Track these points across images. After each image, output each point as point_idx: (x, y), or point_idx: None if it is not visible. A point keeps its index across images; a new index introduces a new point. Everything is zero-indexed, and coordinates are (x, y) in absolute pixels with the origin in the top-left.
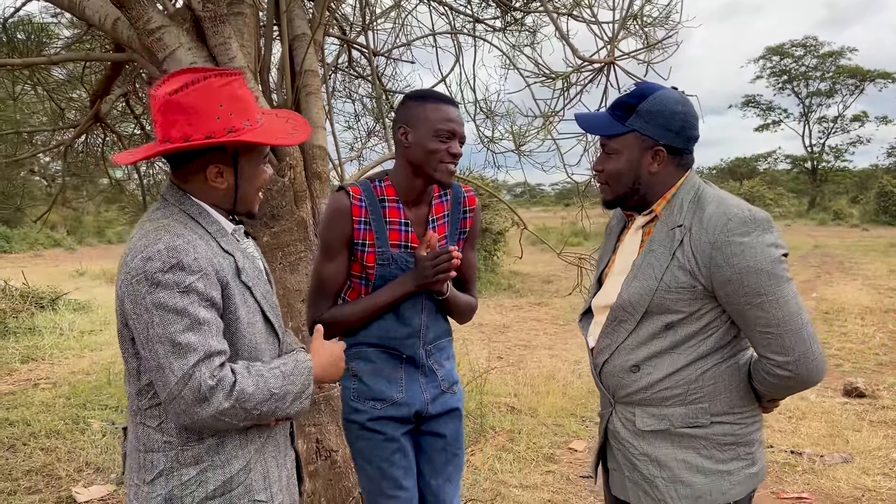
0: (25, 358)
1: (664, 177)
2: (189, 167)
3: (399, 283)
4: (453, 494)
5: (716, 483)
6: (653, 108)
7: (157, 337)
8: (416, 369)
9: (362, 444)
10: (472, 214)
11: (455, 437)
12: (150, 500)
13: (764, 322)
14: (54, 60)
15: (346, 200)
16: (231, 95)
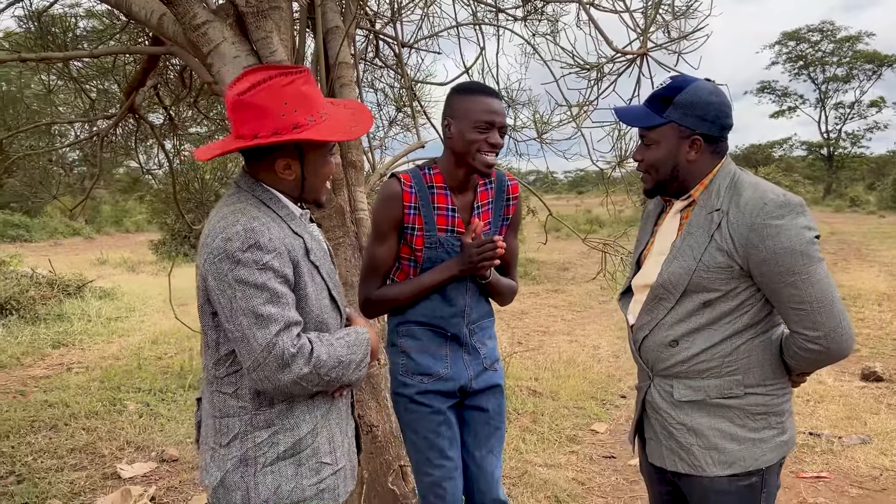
0: (57, 343)
1: (701, 164)
2: (261, 160)
3: (445, 267)
4: (496, 465)
5: (748, 450)
6: (689, 99)
7: (241, 310)
8: (461, 347)
9: (410, 417)
10: (515, 202)
11: (497, 412)
12: (227, 462)
13: (797, 299)
14: (95, 54)
15: (398, 187)
16: (296, 93)
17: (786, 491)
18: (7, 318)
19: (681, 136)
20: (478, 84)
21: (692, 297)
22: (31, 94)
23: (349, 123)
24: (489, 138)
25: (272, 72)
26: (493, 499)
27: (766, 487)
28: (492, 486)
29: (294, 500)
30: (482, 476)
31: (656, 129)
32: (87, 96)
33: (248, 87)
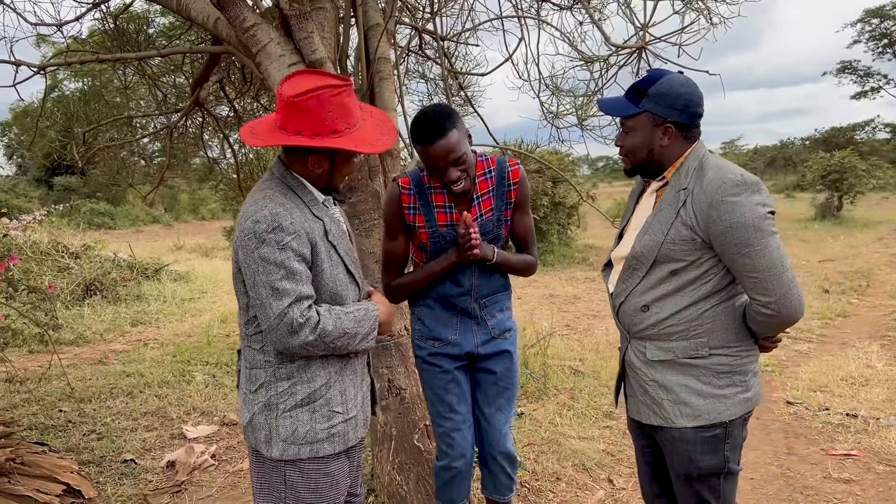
0: (135, 322)
1: (674, 148)
2: (297, 153)
3: (446, 256)
4: (504, 421)
5: (713, 404)
6: (661, 90)
7: (262, 283)
8: (470, 319)
9: (424, 375)
10: (517, 186)
11: (505, 374)
12: (254, 405)
13: (751, 268)
14: (163, 53)
15: (397, 190)
16: (339, 104)
17: (812, 466)
18: (92, 298)
19: (654, 123)
20: (418, 128)
21: (661, 267)
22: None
23: (376, 135)
24: (446, 177)
25: (323, 81)
26: (501, 451)
27: (729, 439)
28: (500, 439)
29: (308, 440)
30: (491, 430)
31: (633, 118)
32: (160, 91)
33: (302, 92)
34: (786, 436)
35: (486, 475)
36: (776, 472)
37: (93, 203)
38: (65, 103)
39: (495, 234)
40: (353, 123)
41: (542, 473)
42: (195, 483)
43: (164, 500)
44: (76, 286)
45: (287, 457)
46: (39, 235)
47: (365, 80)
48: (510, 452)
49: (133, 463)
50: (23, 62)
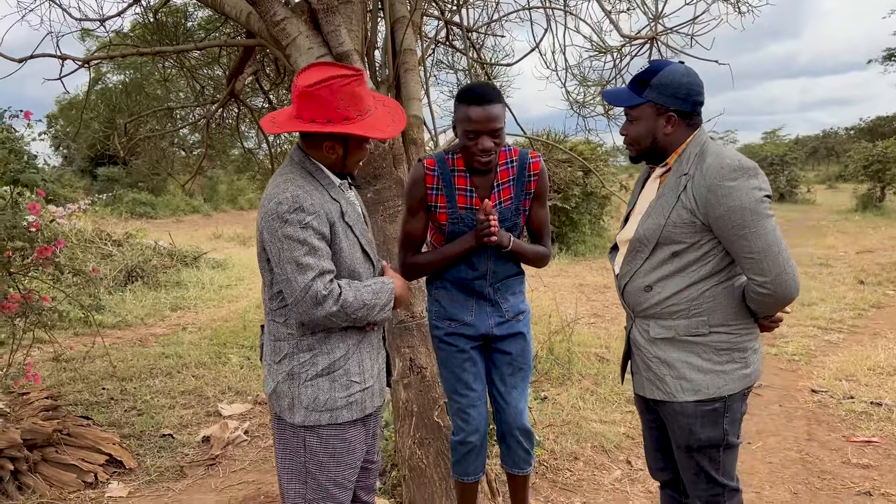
0: (174, 307)
1: (676, 136)
2: (312, 140)
3: (464, 240)
4: (520, 398)
5: (713, 380)
6: (663, 81)
7: (286, 259)
8: (485, 301)
9: (441, 354)
10: (537, 178)
11: (520, 354)
12: (278, 375)
13: (748, 249)
14: (199, 47)
15: (422, 170)
16: (350, 93)
17: (832, 452)
18: (133, 284)
19: (658, 112)
20: (473, 90)
21: (663, 249)
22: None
23: (387, 122)
24: (479, 144)
25: (334, 72)
26: (518, 426)
27: (728, 412)
28: (516, 416)
29: (328, 408)
30: (508, 408)
31: (637, 108)
32: (198, 83)
33: (314, 82)
34: (808, 423)
35: (505, 450)
36: (795, 456)
37: (135, 193)
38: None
39: (512, 223)
40: (365, 111)
41: (561, 453)
42: (228, 457)
43: (199, 471)
44: (118, 272)
45: (308, 423)
46: (84, 224)
47: (391, 72)
48: (527, 428)
49: (171, 437)
50: (68, 56)
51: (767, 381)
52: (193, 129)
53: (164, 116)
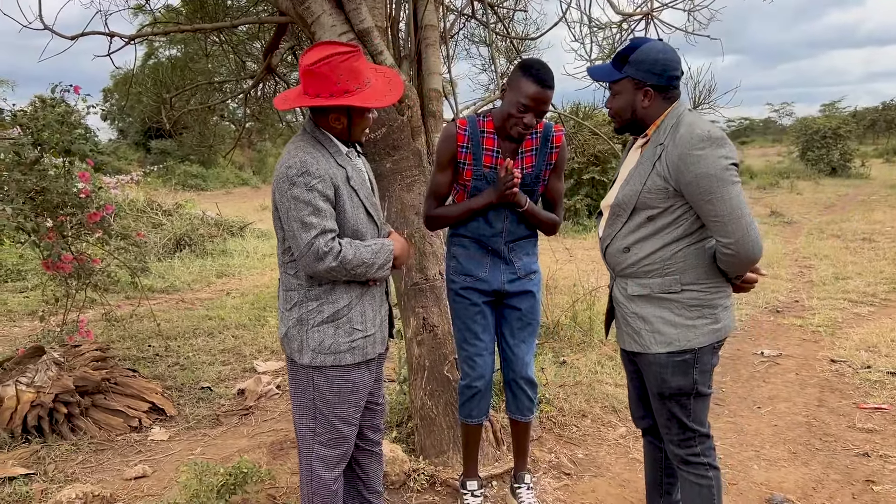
0: (220, 274)
1: (654, 109)
2: (320, 112)
3: (485, 194)
4: (526, 351)
5: (683, 333)
6: (640, 57)
7: (293, 218)
8: (500, 259)
9: (455, 306)
10: (558, 150)
11: (529, 311)
12: (289, 321)
13: (714, 213)
14: (234, 24)
15: (454, 129)
16: (348, 68)
17: (839, 418)
18: (181, 252)
19: (636, 87)
20: (539, 70)
21: (639, 213)
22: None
23: (384, 91)
24: (525, 119)
25: (333, 50)
26: (523, 376)
27: (698, 364)
28: (522, 367)
29: (332, 351)
30: (515, 359)
31: (617, 83)
32: (239, 58)
33: (315, 61)
34: (821, 390)
35: (511, 398)
36: (801, 420)
37: (186, 165)
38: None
39: (531, 189)
40: (364, 83)
41: (570, 411)
42: (261, 408)
43: (233, 420)
44: (168, 241)
45: (315, 364)
46: (136, 194)
47: (413, 47)
48: (531, 378)
49: (209, 390)
50: (116, 33)
51: (788, 350)
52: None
53: (213, 91)
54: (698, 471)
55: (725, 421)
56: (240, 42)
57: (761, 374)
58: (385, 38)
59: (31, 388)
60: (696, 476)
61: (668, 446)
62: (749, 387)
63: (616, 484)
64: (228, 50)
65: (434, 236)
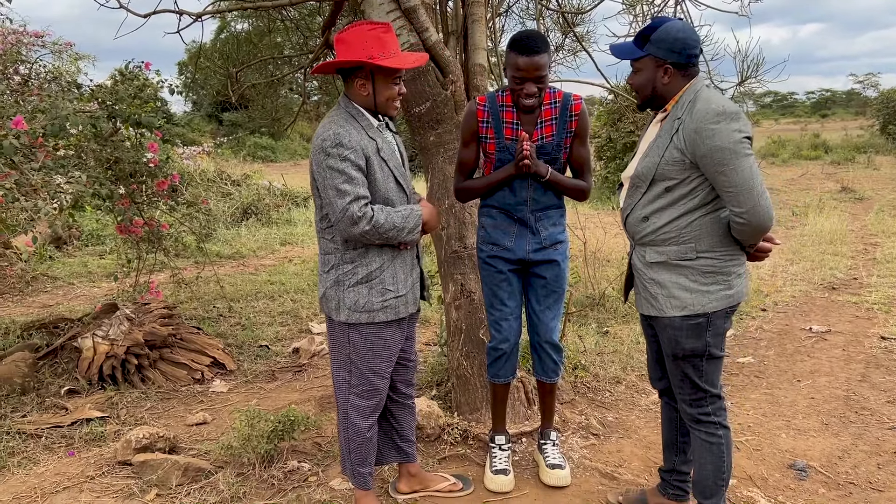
0: (284, 242)
1: (673, 85)
2: (348, 80)
3: (506, 168)
4: (552, 317)
5: (697, 298)
6: (660, 36)
7: (329, 186)
8: (526, 228)
9: (483, 273)
10: (578, 118)
11: (554, 279)
12: (327, 282)
13: (727, 184)
14: (293, 2)
15: (474, 106)
16: (375, 37)
17: (880, 393)
18: (248, 220)
19: (656, 65)
20: (523, 41)
21: (658, 184)
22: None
23: (410, 60)
24: (524, 89)
25: (363, 23)
26: (548, 340)
27: (711, 327)
28: (547, 332)
29: (367, 310)
30: (541, 325)
31: (639, 61)
32: (303, 34)
33: (344, 30)
34: (866, 366)
35: (537, 360)
36: (840, 394)
37: (256, 137)
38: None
39: (553, 157)
40: (389, 53)
41: (605, 377)
42: (313, 365)
43: (287, 376)
44: (235, 210)
45: (351, 321)
46: (207, 165)
47: (460, 23)
48: (555, 342)
49: (267, 348)
50: (184, 11)
51: (839, 327)
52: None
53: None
54: (709, 429)
55: (763, 392)
56: (301, 19)
57: (807, 349)
58: (433, 16)
59: (106, 340)
60: (706, 434)
61: (681, 405)
62: (792, 361)
63: (642, 445)
64: (291, 27)
65: (473, 206)
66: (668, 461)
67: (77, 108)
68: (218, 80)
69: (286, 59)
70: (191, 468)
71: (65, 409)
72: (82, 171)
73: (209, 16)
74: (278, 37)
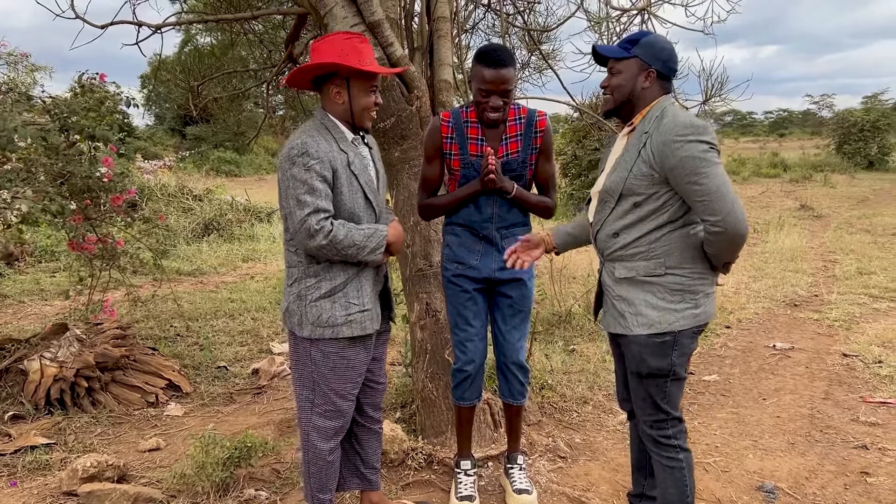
0: (246, 258)
1: (649, 93)
2: (322, 88)
3: (471, 184)
4: (518, 338)
5: (664, 316)
6: (650, 42)
7: (290, 195)
8: (491, 246)
9: (448, 292)
10: (542, 134)
11: (520, 299)
12: (290, 296)
13: (699, 193)
14: (255, 15)
15: (438, 122)
16: (351, 46)
17: (844, 411)
18: (209, 236)
19: (641, 68)
20: (490, 53)
21: (626, 200)
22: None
23: (384, 68)
24: (490, 102)
25: (340, 34)
26: (514, 361)
27: (677, 346)
28: (513, 352)
29: (330, 324)
30: (507, 344)
31: (623, 62)
32: (266, 48)
33: (319, 39)
34: (829, 384)
35: (503, 382)
36: (805, 412)
37: (220, 151)
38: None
39: (519, 174)
40: (364, 62)
41: (572, 397)
42: (273, 387)
43: (246, 398)
44: (196, 225)
45: (314, 336)
46: (168, 179)
47: (425, 39)
48: (522, 363)
49: (225, 369)
50: (143, 23)
51: (801, 344)
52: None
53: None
54: (669, 453)
55: (728, 411)
56: (264, 32)
57: (770, 367)
58: (398, 31)
59: (55, 362)
60: (667, 459)
61: (642, 426)
62: (757, 379)
63: (610, 468)
64: (254, 40)
65: (439, 223)
66: (637, 484)
67: (27, 121)
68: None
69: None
70: (141, 498)
71: (8, 436)
72: (31, 185)
73: (170, 28)
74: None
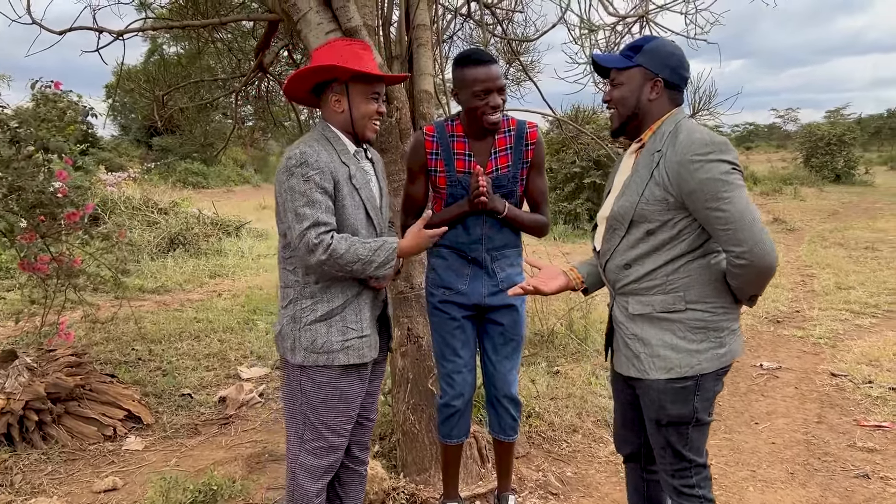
0: (213, 274)
1: (658, 105)
2: (322, 96)
3: (459, 204)
4: (510, 368)
5: (685, 358)
6: (654, 48)
7: (289, 208)
8: (481, 269)
9: (433, 320)
10: (534, 147)
11: (512, 326)
12: (284, 318)
13: (723, 221)
14: (223, 21)
15: (422, 137)
16: (350, 51)
17: (839, 435)
18: (175, 251)
19: (646, 77)
20: (472, 54)
21: (638, 227)
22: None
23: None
24: (489, 102)
25: (341, 40)
26: (506, 394)
27: (699, 391)
28: (505, 384)
29: (325, 350)
30: (498, 376)
31: (626, 72)
32: (235, 57)
33: (321, 46)
34: (821, 406)
35: (493, 416)
36: (800, 438)
37: (187, 163)
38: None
39: (509, 190)
40: (365, 67)
41: (560, 425)
42: (241, 417)
43: (212, 430)
44: (162, 239)
45: (307, 363)
46: (132, 192)
47: (404, 47)
48: (514, 396)
49: (190, 397)
50: (104, 29)
51: (788, 363)
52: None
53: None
54: (692, 503)
55: (722, 437)
56: (233, 41)
57: (760, 388)
58: (376, 39)
59: (2, 394)
60: None
61: (662, 475)
62: (747, 401)
63: None
64: (223, 49)
65: None
66: None
67: None
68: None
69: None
70: None
71: None
72: None
73: (133, 34)
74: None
